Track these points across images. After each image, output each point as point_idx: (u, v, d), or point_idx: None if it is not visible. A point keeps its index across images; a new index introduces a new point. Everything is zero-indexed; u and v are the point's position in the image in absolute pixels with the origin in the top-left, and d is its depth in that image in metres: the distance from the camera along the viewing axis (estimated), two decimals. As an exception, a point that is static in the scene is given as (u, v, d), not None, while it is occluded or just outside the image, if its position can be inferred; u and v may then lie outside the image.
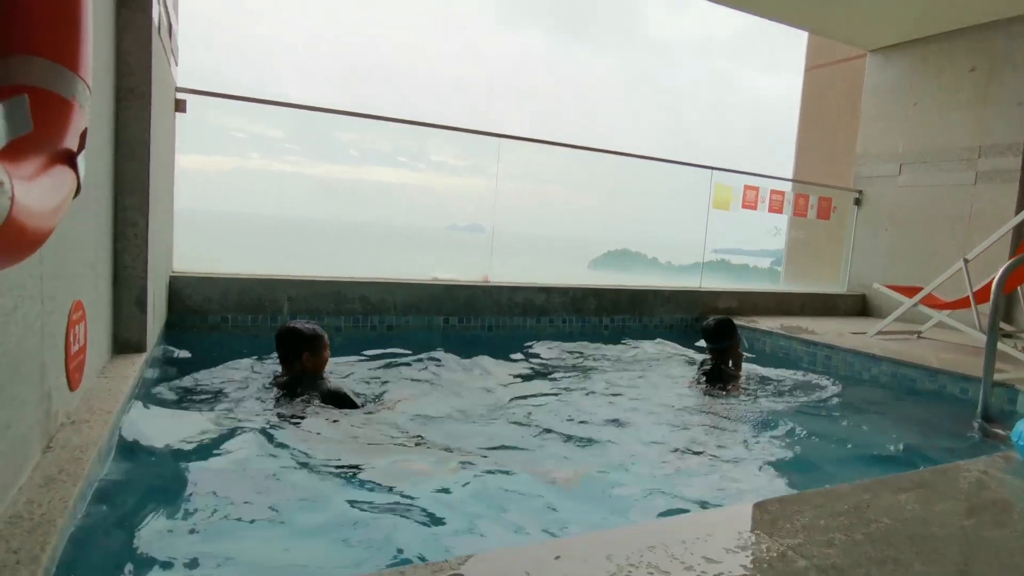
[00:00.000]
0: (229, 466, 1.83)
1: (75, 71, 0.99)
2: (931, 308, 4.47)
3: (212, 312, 3.64)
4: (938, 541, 1.32)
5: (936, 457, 2.46)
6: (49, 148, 0.91)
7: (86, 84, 1.02)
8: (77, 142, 0.99)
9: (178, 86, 3.48)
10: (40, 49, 0.93)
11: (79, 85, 1.00)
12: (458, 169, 5.10)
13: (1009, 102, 5.25)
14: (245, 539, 1.44)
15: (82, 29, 1.00)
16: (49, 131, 0.93)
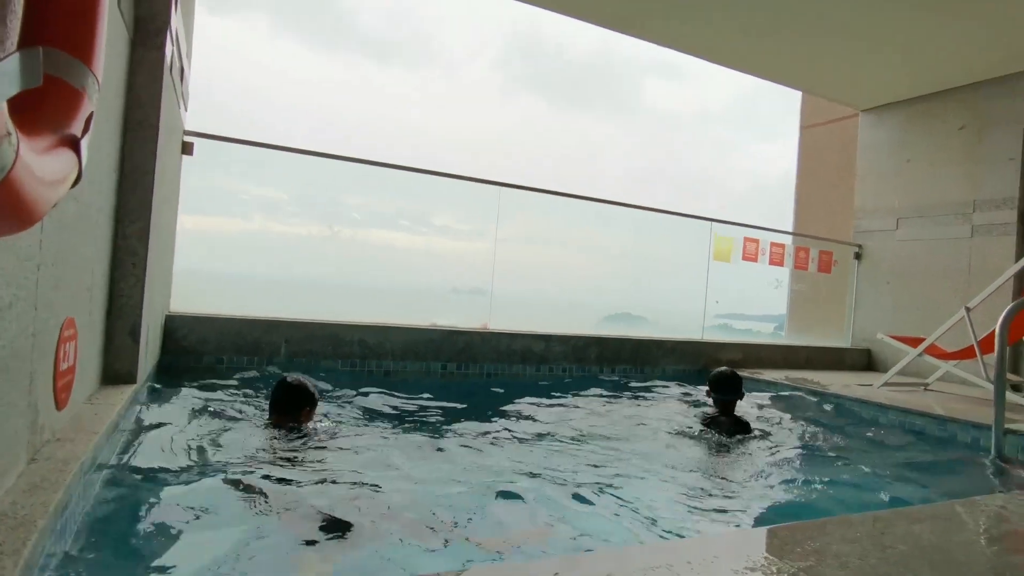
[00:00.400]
0: (212, 500, 1.75)
1: (88, 65, 1.04)
2: (936, 358, 4.41)
3: (207, 353, 3.60)
4: (960, 565, 1.24)
5: (951, 497, 2.35)
6: (57, 130, 0.95)
7: (96, 78, 1.06)
8: (83, 129, 1.02)
9: (186, 129, 3.57)
10: (59, 42, 0.99)
11: (90, 78, 1.04)
12: (460, 233, 5.18)
13: (1000, 158, 5.35)
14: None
15: (98, 28, 1.06)
16: (59, 115, 0.97)
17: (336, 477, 1.99)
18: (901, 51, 5.16)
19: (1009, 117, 5.30)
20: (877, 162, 6.39)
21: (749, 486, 2.32)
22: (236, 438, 2.36)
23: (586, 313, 6.24)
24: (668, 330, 5.67)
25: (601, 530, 1.72)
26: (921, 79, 5.70)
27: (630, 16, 5.02)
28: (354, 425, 2.85)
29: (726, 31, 5.09)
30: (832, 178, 7.33)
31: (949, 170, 5.73)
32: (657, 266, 6.36)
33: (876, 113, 6.42)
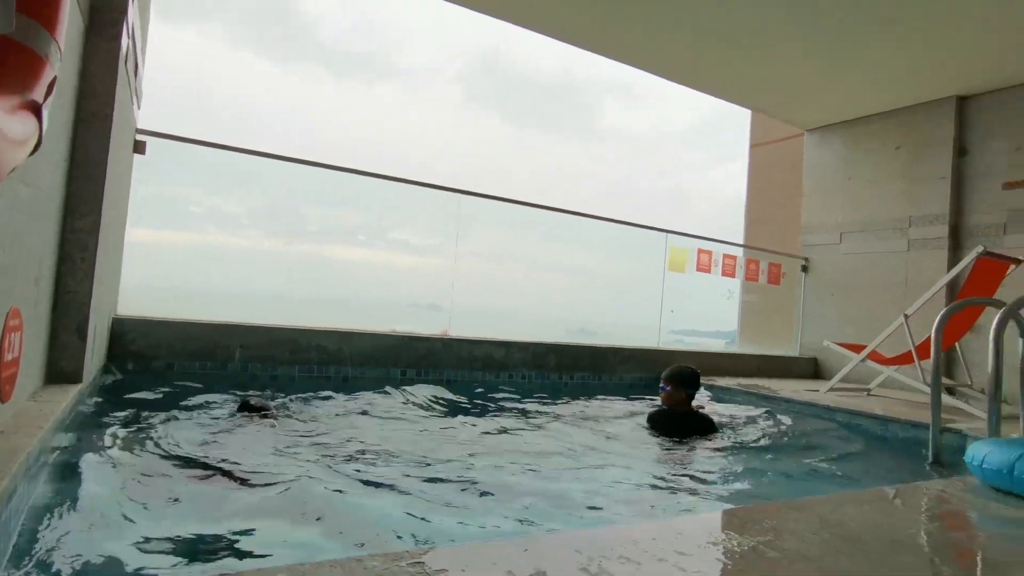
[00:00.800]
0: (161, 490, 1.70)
1: (51, 33, 1.05)
2: (878, 364, 4.61)
3: (158, 358, 3.47)
4: (904, 539, 1.31)
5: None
6: (20, 93, 0.96)
7: (58, 46, 1.06)
8: (44, 95, 1.02)
9: (139, 127, 3.47)
10: (24, 7, 0.99)
11: (53, 46, 1.05)
12: (419, 248, 5.15)
13: (933, 177, 5.69)
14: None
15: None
16: (22, 79, 0.98)
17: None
18: (843, 75, 5.45)
19: (940, 138, 5.65)
20: (821, 179, 6.69)
21: (707, 478, 2.38)
22: (185, 436, 2.29)
23: (544, 330, 6.26)
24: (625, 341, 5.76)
25: (568, 518, 1.73)
26: (862, 102, 6.02)
27: (590, 32, 5.15)
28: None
29: (682, 50, 5.28)
30: (780, 194, 7.64)
31: (887, 188, 6.05)
32: (615, 281, 6.46)
33: (820, 133, 6.73)
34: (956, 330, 4.44)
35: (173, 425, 2.38)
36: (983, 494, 1.77)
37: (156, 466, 1.88)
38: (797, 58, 5.20)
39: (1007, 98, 5.31)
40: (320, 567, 0.94)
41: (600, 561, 1.06)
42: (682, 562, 1.08)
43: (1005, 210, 5.23)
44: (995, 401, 2.65)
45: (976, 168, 5.47)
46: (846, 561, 1.15)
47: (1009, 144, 5.26)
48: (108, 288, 2.95)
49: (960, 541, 1.39)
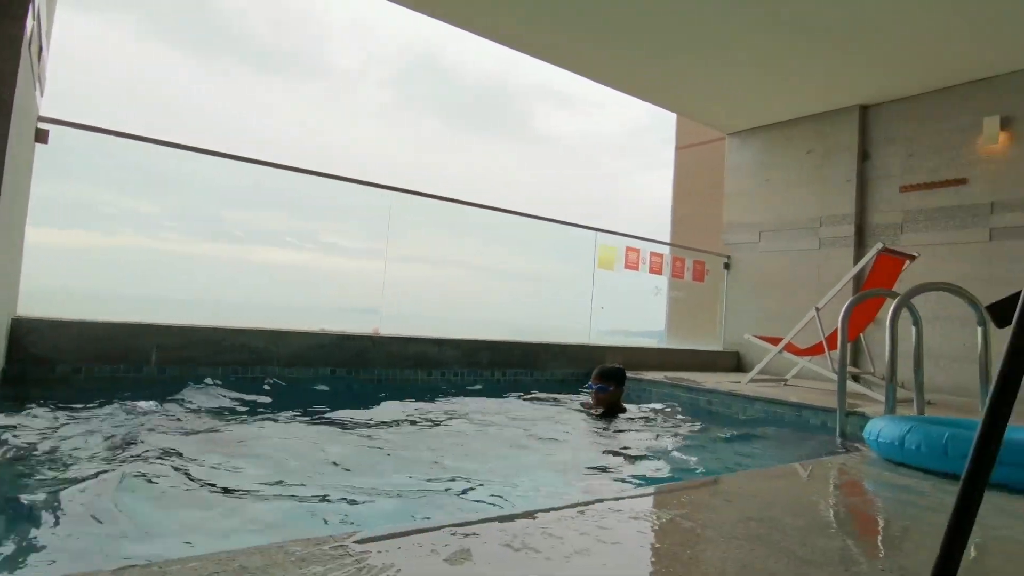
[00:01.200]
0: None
1: None
2: (793, 355, 4.90)
3: (63, 361, 3.25)
4: (809, 505, 1.41)
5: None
6: None
7: None
8: None
9: (41, 115, 3.24)
10: None
11: None
12: (350, 251, 5.04)
13: (840, 179, 6.09)
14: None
15: None
16: None
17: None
18: (761, 83, 5.75)
19: (846, 144, 6.06)
20: (742, 181, 7.03)
21: (633, 464, 2.46)
22: (90, 442, 2.17)
23: (478, 332, 6.26)
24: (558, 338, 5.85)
25: (495, 508, 1.75)
26: (778, 108, 6.38)
27: (522, 34, 5.22)
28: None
29: (610, 54, 5.43)
30: (704, 195, 7.97)
31: (801, 190, 6.43)
32: (547, 281, 6.54)
33: (740, 137, 7.08)
34: (860, 322, 4.77)
35: (69, 437, 2.23)
36: (878, 465, 1.92)
37: (46, 474, 1.77)
38: (719, 65, 5.45)
39: (902, 108, 5.76)
40: (238, 554, 0.92)
41: (524, 538, 1.08)
42: (603, 535, 1.13)
43: (902, 211, 5.67)
44: (891, 383, 2.88)
45: (877, 172, 5.89)
46: (755, 526, 1.22)
47: (904, 150, 5.70)
48: (6, 286, 2.75)
49: (855, 504, 1.50)
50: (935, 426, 1.93)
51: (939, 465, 1.87)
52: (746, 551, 1.08)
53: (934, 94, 5.54)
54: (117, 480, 1.67)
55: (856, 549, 1.21)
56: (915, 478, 1.80)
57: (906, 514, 1.47)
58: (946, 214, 5.37)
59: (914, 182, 5.58)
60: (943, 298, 5.30)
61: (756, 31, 4.80)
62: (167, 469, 1.84)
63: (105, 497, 1.51)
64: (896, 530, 1.38)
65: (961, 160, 5.32)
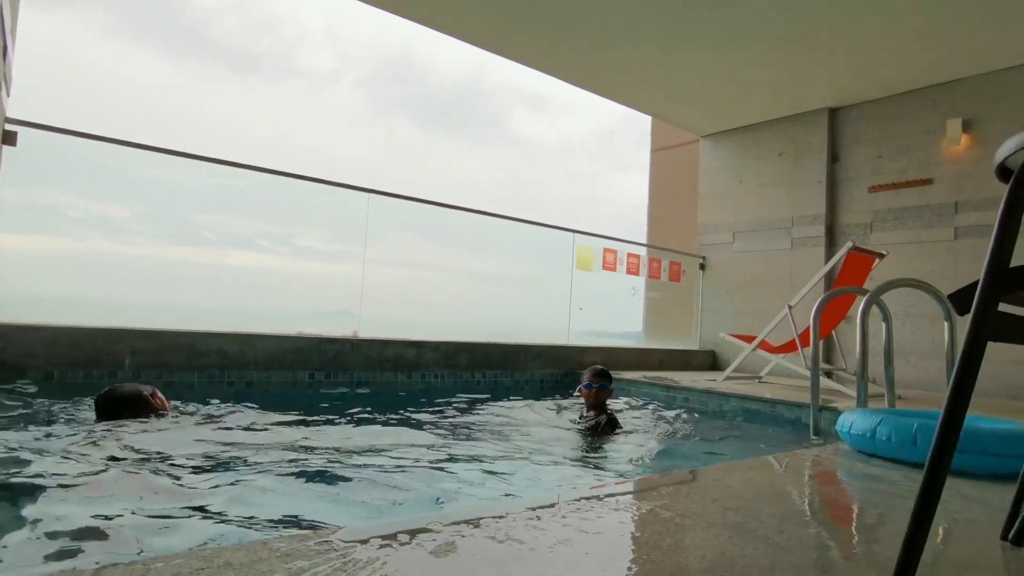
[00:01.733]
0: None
1: None
2: (767, 353, 4.99)
3: (33, 368, 3.18)
4: (783, 494, 1.45)
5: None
6: None
7: None
8: None
9: (8, 116, 3.17)
10: None
11: None
12: (324, 254, 4.98)
13: (811, 181, 6.23)
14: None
15: None
16: None
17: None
18: (733, 87, 5.86)
19: (816, 146, 6.20)
20: (716, 183, 7.14)
21: (611, 462, 2.49)
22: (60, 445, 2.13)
23: (457, 335, 6.25)
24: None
25: (481, 499, 1.76)
26: (750, 111, 6.50)
27: (495, 35, 5.24)
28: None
29: (584, 56, 5.48)
30: (679, 196, 8.08)
31: (773, 191, 6.55)
32: (526, 283, 6.55)
33: (714, 139, 7.19)
34: (832, 318, 4.88)
35: (39, 439, 2.20)
36: (850, 456, 1.97)
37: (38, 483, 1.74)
38: (691, 68, 5.54)
39: (870, 110, 5.91)
40: (223, 551, 0.92)
41: (508, 530, 1.10)
42: (585, 525, 1.14)
43: (870, 211, 5.81)
44: (863, 379, 2.95)
45: (847, 173, 6.04)
46: (732, 515, 1.25)
47: (872, 151, 5.85)
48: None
49: (828, 494, 1.54)
50: (904, 418, 1.99)
51: (909, 455, 1.93)
52: (724, 539, 1.11)
53: (901, 96, 5.70)
54: (95, 481, 1.65)
55: (830, 536, 1.24)
56: (886, 468, 1.86)
57: (877, 502, 1.52)
58: (913, 213, 5.52)
59: (882, 182, 5.73)
60: (911, 296, 5.45)
61: (727, 35, 4.90)
62: (148, 471, 1.81)
63: (85, 497, 1.48)
64: (868, 517, 1.42)
65: (927, 161, 5.47)
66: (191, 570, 0.84)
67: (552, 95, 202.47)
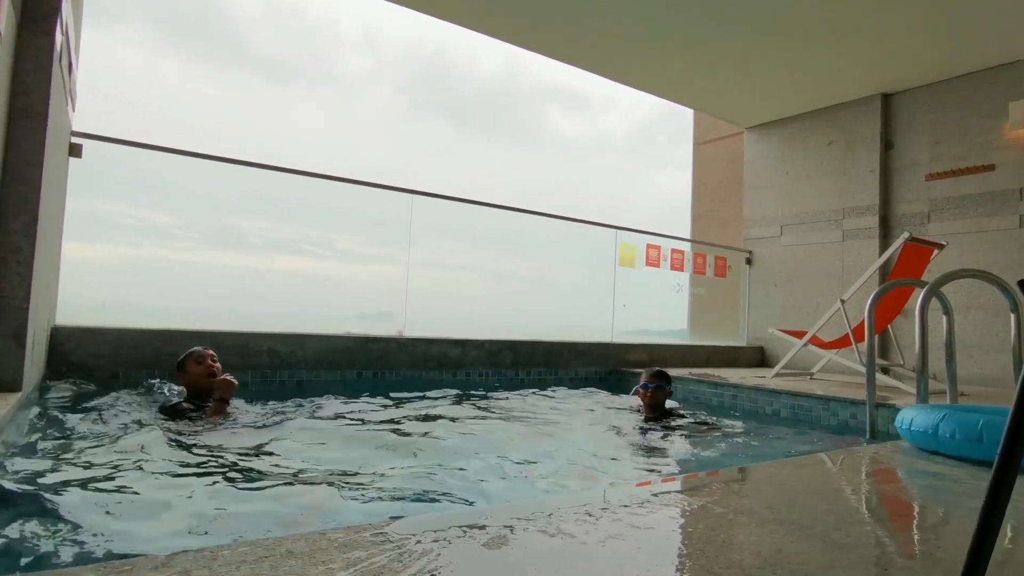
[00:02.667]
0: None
1: None
2: (819, 348, 4.84)
3: (100, 368, 3.35)
4: (840, 491, 1.41)
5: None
6: None
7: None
8: None
9: (74, 130, 3.35)
10: None
11: None
12: (367, 257, 5.06)
13: (862, 170, 6.01)
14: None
15: None
16: None
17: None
18: (779, 76, 5.71)
19: (868, 134, 5.98)
20: (761, 175, 6.97)
21: (669, 457, 2.47)
22: (132, 443, 2.23)
23: (500, 335, 6.24)
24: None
25: (531, 493, 1.77)
26: (796, 100, 6.31)
27: (533, 32, 5.24)
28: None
29: (628, 53, 5.43)
30: (723, 190, 7.91)
31: (822, 182, 6.35)
32: (568, 281, 6.50)
33: (759, 131, 7.01)
34: (887, 312, 4.71)
35: (113, 437, 2.31)
36: (911, 454, 1.90)
37: (97, 477, 1.83)
38: (735, 60, 5.42)
39: (926, 95, 5.67)
40: (284, 541, 0.95)
41: (559, 524, 1.10)
42: (636, 520, 1.14)
43: (928, 200, 5.58)
44: (923, 374, 2.84)
45: (902, 161, 5.80)
46: (787, 512, 1.22)
47: (929, 138, 5.60)
48: (46, 295, 2.84)
49: (888, 491, 1.49)
50: (969, 413, 1.91)
51: (974, 452, 1.85)
52: (779, 535, 1.09)
53: (958, 80, 5.45)
54: (160, 474, 1.73)
55: (891, 534, 1.20)
56: (949, 466, 1.79)
57: (941, 500, 1.46)
58: (974, 201, 5.27)
59: (940, 170, 5.49)
60: (974, 287, 5.20)
61: (770, 23, 4.77)
62: (212, 467, 1.89)
63: (149, 489, 1.56)
64: (931, 516, 1.37)
65: (988, 146, 5.22)
66: (256, 558, 0.87)
67: (589, 92, 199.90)
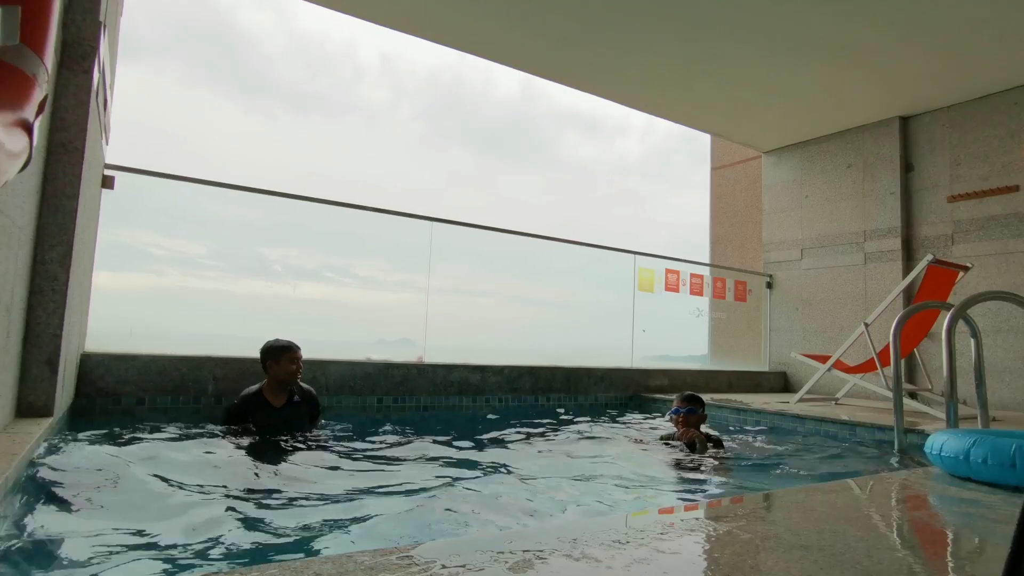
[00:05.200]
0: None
1: (40, 56, 1.10)
2: (843, 373, 4.76)
3: (127, 394, 3.41)
4: (871, 520, 1.38)
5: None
6: (14, 111, 1.00)
7: (46, 69, 1.12)
8: (35, 114, 1.07)
9: (107, 162, 3.46)
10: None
11: (41, 68, 1.10)
12: (387, 284, 5.12)
13: (883, 192, 5.97)
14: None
15: (50, 22, 1.13)
16: (14, 98, 1.03)
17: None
18: (795, 100, 5.73)
19: (888, 156, 5.95)
20: (780, 199, 6.95)
21: (688, 485, 2.43)
22: (163, 468, 2.26)
23: (520, 360, 6.22)
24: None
25: (556, 516, 1.76)
26: (813, 124, 6.32)
27: (549, 61, 5.33)
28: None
29: (643, 80, 5.50)
30: (742, 214, 7.89)
31: (842, 204, 6.32)
32: (587, 306, 6.49)
33: (776, 154, 7.02)
34: (913, 336, 4.63)
35: (148, 457, 2.34)
36: (942, 480, 1.86)
37: (132, 499, 1.86)
38: (751, 84, 5.46)
39: (945, 116, 5.64)
40: (311, 563, 0.96)
41: (584, 548, 1.10)
42: (661, 545, 1.13)
43: (951, 221, 5.51)
44: (952, 399, 2.78)
45: (923, 183, 5.76)
46: (816, 538, 1.20)
47: (950, 159, 5.56)
48: (77, 321, 2.91)
49: (919, 518, 1.46)
50: (1001, 438, 1.87)
51: (1007, 478, 1.80)
52: (809, 562, 1.07)
53: (979, 101, 5.42)
54: (189, 497, 1.75)
55: (924, 562, 1.18)
56: (982, 492, 1.74)
57: (974, 527, 1.43)
58: (999, 223, 5.19)
59: (963, 191, 5.44)
60: (1003, 310, 5.10)
61: (786, 48, 4.81)
62: (239, 491, 1.91)
63: (177, 513, 1.58)
64: (965, 543, 1.33)
65: (1012, 166, 5.16)
66: (284, 579, 0.88)
67: (605, 116, 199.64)
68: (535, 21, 4.67)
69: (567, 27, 4.72)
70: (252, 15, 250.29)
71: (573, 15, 4.55)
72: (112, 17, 3.04)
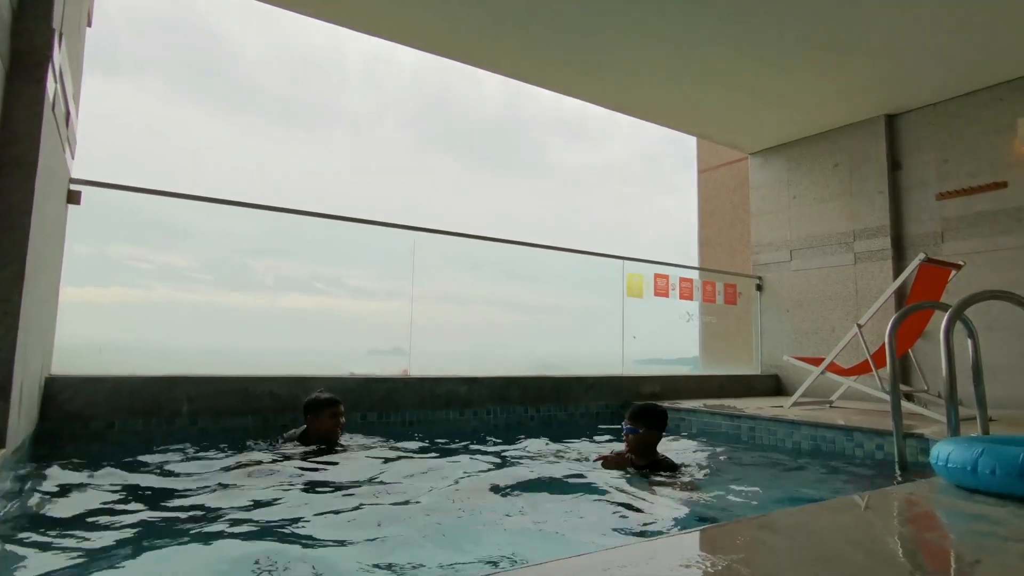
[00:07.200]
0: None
1: None
2: (837, 375, 4.68)
3: (96, 417, 3.26)
4: (880, 543, 1.27)
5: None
6: None
7: None
8: None
9: (73, 176, 3.33)
10: None
11: None
12: (376, 293, 5.02)
13: (871, 192, 5.92)
14: None
15: None
16: None
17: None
18: (779, 100, 5.68)
19: (874, 155, 5.91)
20: (767, 200, 6.89)
21: (680, 505, 2.32)
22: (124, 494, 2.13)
23: (508, 369, 6.08)
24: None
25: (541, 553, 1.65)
26: (798, 124, 6.28)
27: (534, 67, 5.25)
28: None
29: (627, 83, 5.42)
30: (730, 217, 7.83)
31: (830, 204, 6.27)
32: (575, 313, 6.38)
33: (763, 156, 6.97)
34: (908, 336, 4.56)
35: (111, 483, 2.21)
36: (950, 493, 1.76)
37: (97, 532, 1.73)
38: (735, 85, 5.40)
39: (931, 114, 5.61)
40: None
41: (567, 593, 0.98)
42: (654, 587, 1.02)
43: (940, 219, 5.47)
44: (952, 402, 2.69)
45: (911, 181, 5.72)
46: (823, 567, 1.10)
47: (937, 156, 5.53)
48: (37, 345, 2.76)
49: (934, 541, 1.36)
50: (1009, 447, 1.77)
51: (1015, 489, 1.70)
52: (817, 601, 0.97)
53: (964, 97, 5.39)
54: (164, 528, 1.62)
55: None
56: (991, 505, 1.64)
57: (988, 546, 1.33)
58: (988, 219, 5.15)
59: (951, 188, 5.39)
60: (994, 308, 5.04)
61: (767, 49, 4.75)
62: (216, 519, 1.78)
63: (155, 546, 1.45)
64: (990, 565, 1.23)
65: (999, 163, 5.13)
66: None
67: (591, 120, 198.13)
68: (517, 26, 4.58)
69: (549, 31, 4.63)
70: (235, 26, 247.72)
71: (555, 19, 4.47)
72: (72, 25, 2.91)
